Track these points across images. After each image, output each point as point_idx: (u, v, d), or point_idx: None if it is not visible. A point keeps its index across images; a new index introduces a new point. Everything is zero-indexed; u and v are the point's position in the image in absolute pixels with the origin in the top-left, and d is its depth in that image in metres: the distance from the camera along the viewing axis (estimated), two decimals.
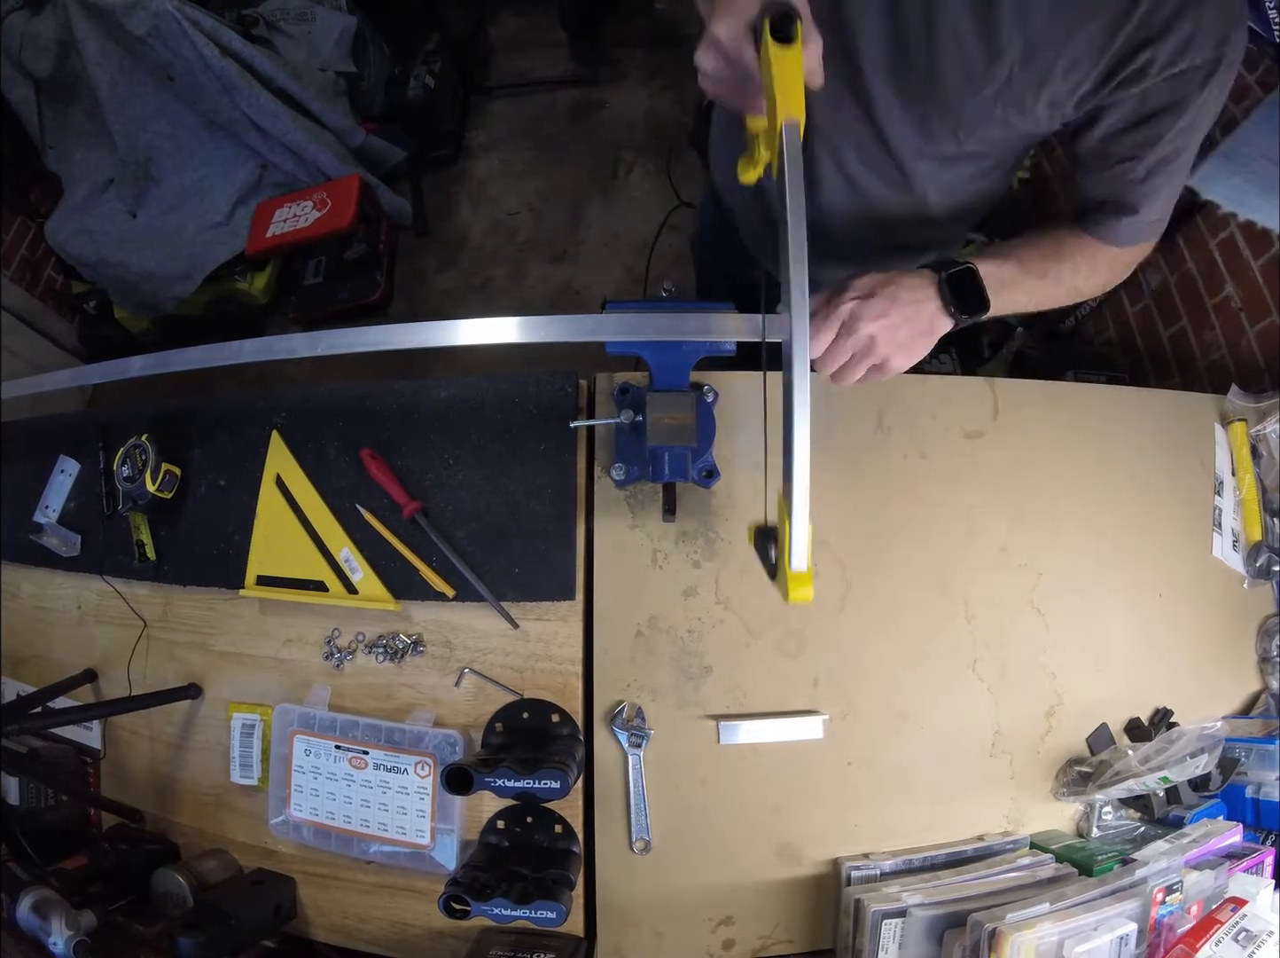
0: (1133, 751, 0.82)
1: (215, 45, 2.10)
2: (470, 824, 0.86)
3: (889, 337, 0.69)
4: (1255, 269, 1.31)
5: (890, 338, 0.69)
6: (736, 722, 0.85)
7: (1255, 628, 0.99)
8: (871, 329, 0.68)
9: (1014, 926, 0.68)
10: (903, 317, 0.69)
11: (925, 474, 0.93)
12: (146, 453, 0.93)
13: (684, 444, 0.76)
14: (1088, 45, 0.62)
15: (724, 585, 0.89)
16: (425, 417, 0.94)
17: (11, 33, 2.15)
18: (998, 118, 0.71)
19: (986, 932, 0.69)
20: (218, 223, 2.39)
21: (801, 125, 0.56)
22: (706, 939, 0.85)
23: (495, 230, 2.61)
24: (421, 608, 0.90)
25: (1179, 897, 0.72)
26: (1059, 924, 0.69)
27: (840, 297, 0.70)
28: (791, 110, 0.54)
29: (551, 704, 0.86)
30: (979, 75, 0.67)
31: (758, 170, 0.69)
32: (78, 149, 2.40)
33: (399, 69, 2.70)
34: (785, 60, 0.53)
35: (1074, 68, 0.64)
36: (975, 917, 0.71)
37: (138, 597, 0.99)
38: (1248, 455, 1.02)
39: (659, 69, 2.75)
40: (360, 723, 0.87)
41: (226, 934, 0.76)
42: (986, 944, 0.69)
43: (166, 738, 0.96)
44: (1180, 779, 0.81)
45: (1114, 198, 0.75)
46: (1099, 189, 0.76)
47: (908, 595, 0.90)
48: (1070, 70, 0.65)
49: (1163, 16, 0.59)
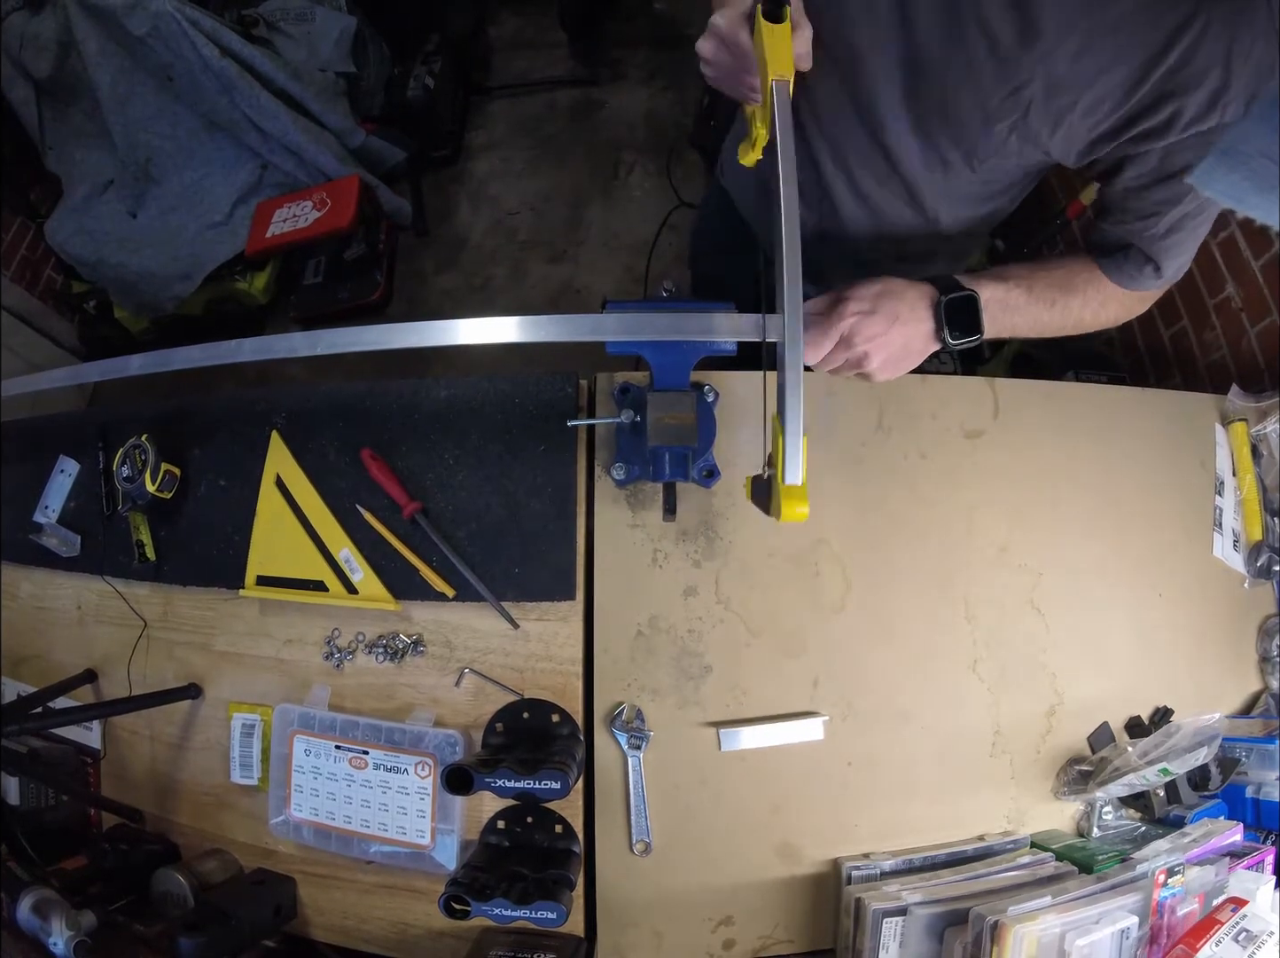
0: (1132, 747, 0.82)
1: (215, 45, 2.10)
2: (470, 824, 0.86)
3: (882, 354, 0.71)
4: (1256, 269, 1.31)
5: (883, 355, 0.71)
6: (737, 728, 0.85)
7: (1255, 628, 0.99)
8: (868, 347, 0.70)
9: (1016, 918, 0.68)
10: (901, 337, 0.71)
11: (925, 474, 0.93)
12: (146, 453, 0.93)
13: (684, 444, 0.76)
14: (1112, 88, 0.61)
15: (724, 585, 0.89)
16: (425, 417, 0.94)
17: (11, 33, 2.15)
18: (1012, 150, 0.70)
19: (989, 924, 0.69)
20: (218, 223, 2.39)
21: (791, 85, 0.60)
22: (706, 939, 0.85)
23: (495, 230, 2.61)
24: (422, 608, 0.90)
25: (1180, 879, 0.72)
26: (1061, 917, 0.69)
27: (843, 307, 0.71)
28: (780, 70, 0.59)
29: (552, 704, 0.86)
30: (994, 109, 0.66)
31: (756, 152, 0.72)
32: (78, 149, 2.40)
33: (399, 69, 2.70)
34: (774, 33, 0.59)
35: (1094, 109, 0.63)
36: (977, 910, 0.71)
37: (138, 597, 0.99)
38: (1248, 455, 1.02)
39: (659, 69, 2.75)
40: (360, 723, 0.87)
41: (227, 934, 0.76)
42: (989, 937, 0.69)
43: (167, 738, 0.96)
44: (1180, 772, 0.81)
45: (1136, 246, 0.74)
46: (1119, 235, 0.75)
47: (908, 595, 0.90)
48: (1089, 112, 0.63)
49: (1195, 69, 0.57)
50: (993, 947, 0.69)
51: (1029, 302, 0.75)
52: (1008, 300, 0.74)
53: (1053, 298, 0.76)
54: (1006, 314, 0.74)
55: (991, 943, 0.69)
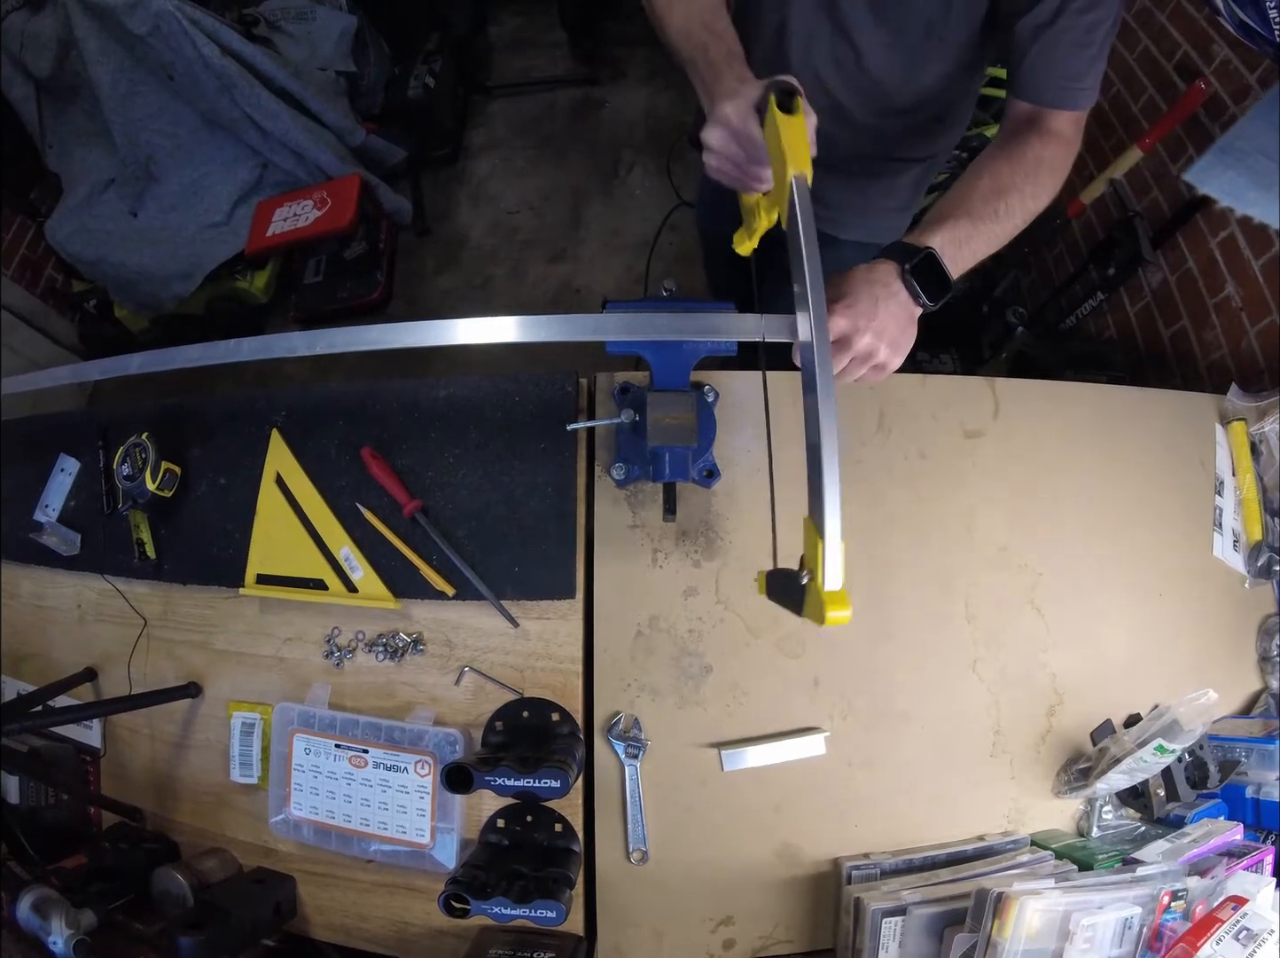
0: (1127, 734, 0.82)
1: (216, 44, 2.10)
2: (470, 823, 0.86)
3: (886, 339, 0.71)
4: (1256, 268, 1.31)
5: (887, 339, 0.71)
6: (741, 748, 0.85)
7: (1256, 628, 0.99)
8: (870, 337, 0.70)
9: (1022, 891, 0.68)
10: (891, 315, 0.71)
11: (925, 474, 0.93)
12: (146, 451, 0.93)
13: (684, 444, 0.76)
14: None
15: (724, 585, 0.89)
16: (425, 416, 0.94)
17: (11, 32, 2.15)
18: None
19: (993, 897, 0.69)
20: (218, 222, 2.39)
21: (809, 179, 0.61)
22: (706, 939, 0.85)
23: (495, 230, 2.61)
24: (421, 607, 0.90)
25: (1182, 904, 0.72)
26: (1067, 897, 0.69)
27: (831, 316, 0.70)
28: (800, 165, 0.60)
29: (551, 703, 0.86)
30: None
31: (753, 243, 0.75)
32: (78, 148, 2.40)
33: (399, 69, 2.70)
34: (791, 126, 0.60)
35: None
36: (982, 884, 0.71)
37: (138, 595, 0.99)
38: (1248, 455, 1.02)
39: (659, 69, 2.74)
40: (360, 722, 0.87)
41: (226, 933, 0.76)
42: (992, 910, 0.69)
43: (166, 737, 0.96)
44: (1176, 748, 0.80)
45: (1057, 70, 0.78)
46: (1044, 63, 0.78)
47: (908, 595, 0.90)
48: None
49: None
50: (994, 920, 0.68)
51: (976, 226, 0.75)
52: (957, 236, 0.74)
53: (994, 209, 0.76)
54: (964, 249, 0.75)
55: (994, 917, 0.68)
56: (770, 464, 0.72)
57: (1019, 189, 0.77)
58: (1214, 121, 1.40)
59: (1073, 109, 0.81)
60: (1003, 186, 0.77)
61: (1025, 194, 0.78)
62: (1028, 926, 0.68)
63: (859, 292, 0.71)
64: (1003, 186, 0.77)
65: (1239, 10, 0.80)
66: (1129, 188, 1.66)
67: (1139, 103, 1.64)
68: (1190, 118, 1.45)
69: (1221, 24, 0.82)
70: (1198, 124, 1.44)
